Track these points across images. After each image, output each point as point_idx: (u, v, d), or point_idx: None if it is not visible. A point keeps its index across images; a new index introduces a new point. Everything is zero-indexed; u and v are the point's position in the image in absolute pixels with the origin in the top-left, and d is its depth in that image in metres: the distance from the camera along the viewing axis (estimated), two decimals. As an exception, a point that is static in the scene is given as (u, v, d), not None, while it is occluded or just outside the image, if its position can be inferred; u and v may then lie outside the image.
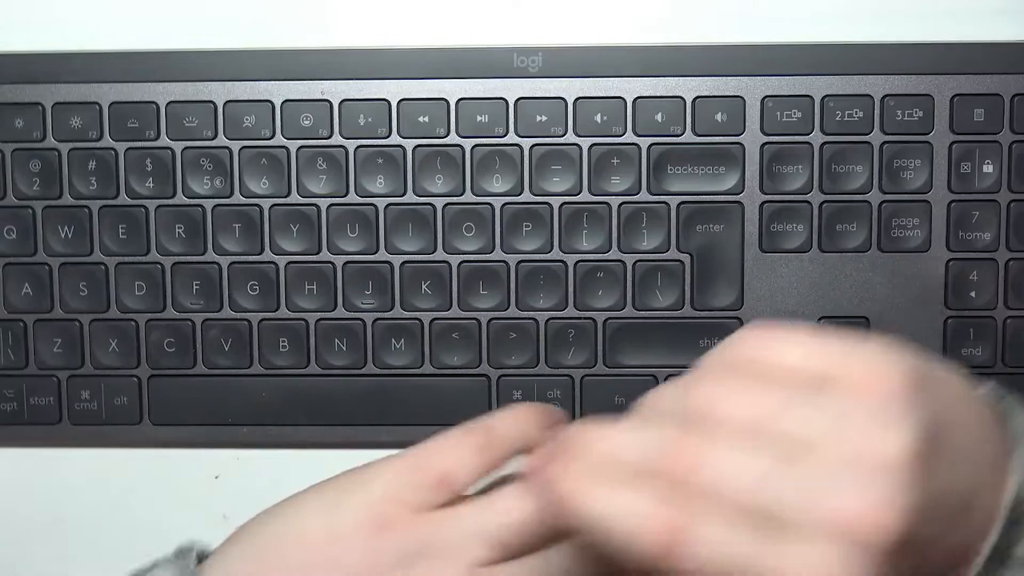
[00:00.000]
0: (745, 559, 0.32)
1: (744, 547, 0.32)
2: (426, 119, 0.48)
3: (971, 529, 0.35)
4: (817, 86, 0.48)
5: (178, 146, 0.48)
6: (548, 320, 0.48)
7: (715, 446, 0.33)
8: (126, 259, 0.49)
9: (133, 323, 0.49)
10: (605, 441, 0.35)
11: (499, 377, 0.49)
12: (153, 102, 0.48)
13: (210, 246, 0.49)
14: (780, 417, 0.33)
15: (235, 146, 0.48)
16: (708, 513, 0.32)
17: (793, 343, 0.35)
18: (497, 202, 0.48)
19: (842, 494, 0.32)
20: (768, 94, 0.48)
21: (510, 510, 0.37)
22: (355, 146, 0.48)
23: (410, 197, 0.48)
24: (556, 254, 0.48)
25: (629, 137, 0.48)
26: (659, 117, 0.48)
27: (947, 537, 0.34)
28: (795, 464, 0.32)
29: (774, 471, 0.32)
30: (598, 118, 0.48)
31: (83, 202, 0.49)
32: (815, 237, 0.48)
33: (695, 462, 0.33)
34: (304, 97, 0.48)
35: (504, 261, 0.48)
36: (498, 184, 0.48)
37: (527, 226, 0.48)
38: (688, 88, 0.48)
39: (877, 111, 0.47)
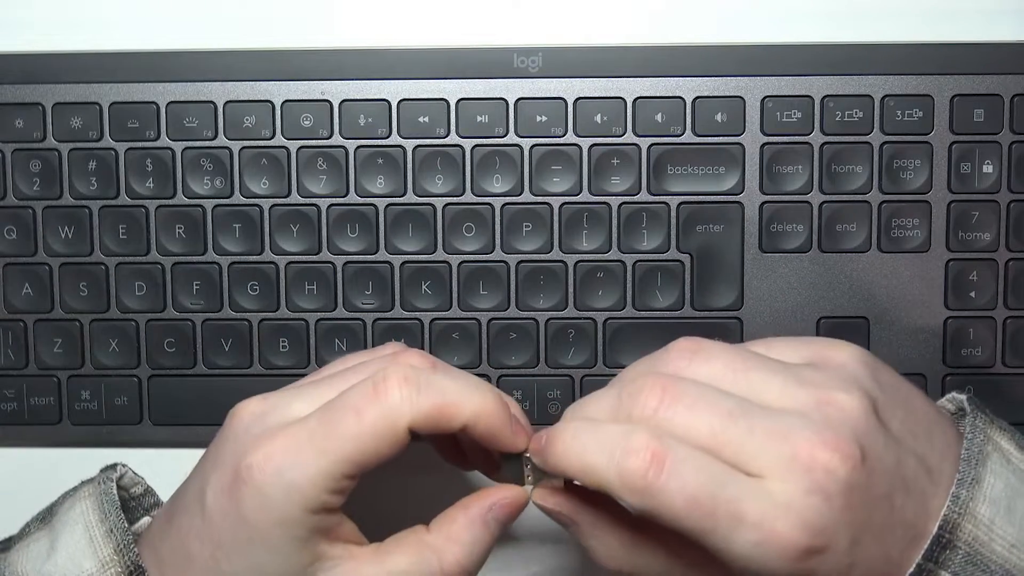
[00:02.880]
0: (715, 489, 0.34)
1: (715, 477, 0.34)
2: (426, 119, 0.48)
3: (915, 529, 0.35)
4: (817, 86, 0.48)
5: (178, 146, 0.48)
6: (548, 320, 0.49)
7: (691, 384, 0.36)
8: (126, 259, 0.49)
9: (133, 323, 0.49)
10: (584, 404, 0.37)
11: (499, 377, 0.49)
12: (153, 102, 0.48)
13: (210, 246, 0.49)
14: (753, 371, 0.36)
15: (235, 146, 0.48)
16: (682, 444, 0.34)
17: (780, 342, 0.38)
18: (497, 202, 0.48)
19: (806, 432, 0.34)
20: (768, 94, 0.48)
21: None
22: (355, 146, 0.48)
23: (410, 197, 0.48)
24: (556, 254, 0.48)
25: (629, 137, 0.48)
26: (659, 117, 0.48)
27: (897, 515, 0.35)
28: (764, 407, 0.35)
29: (744, 408, 0.35)
30: (598, 118, 0.48)
31: (83, 202, 0.49)
32: (815, 237, 0.48)
33: (670, 398, 0.35)
34: (304, 97, 0.48)
35: (504, 261, 0.48)
36: (498, 184, 0.48)
37: (527, 226, 0.48)
38: (688, 88, 0.48)
39: (877, 111, 0.48)
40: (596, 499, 0.38)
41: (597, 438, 0.35)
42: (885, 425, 0.35)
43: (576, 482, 0.38)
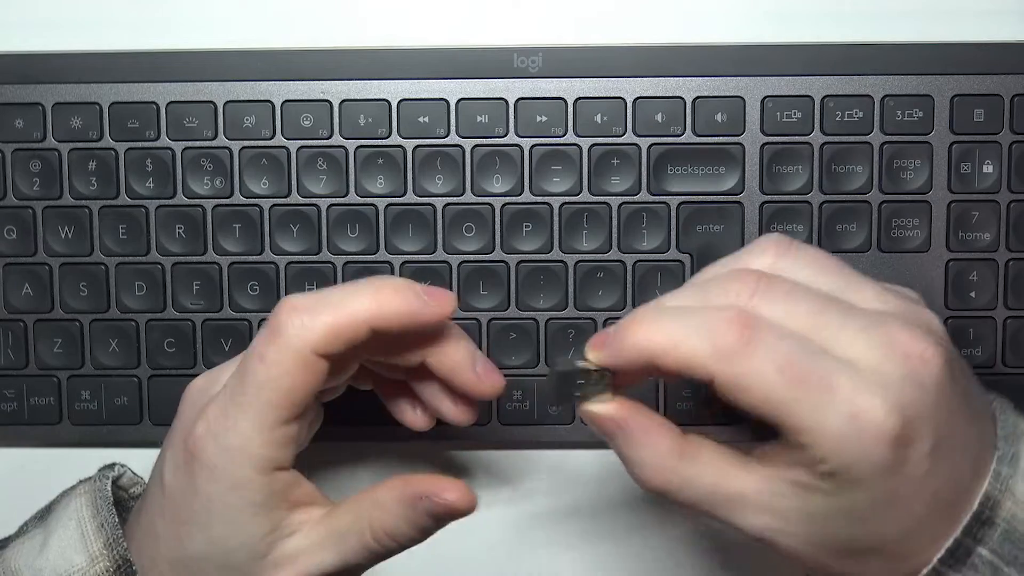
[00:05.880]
0: (808, 360, 0.33)
1: (809, 350, 0.33)
2: (426, 119, 0.48)
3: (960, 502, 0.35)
4: (817, 86, 0.48)
5: (178, 146, 0.48)
6: (548, 320, 0.48)
7: (783, 279, 0.35)
8: (126, 259, 0.49)
9: (133, 323, 0.49)
10: (662, 299, 0.36)
11: (499, 377, 0.49)
12: (153, 102, 0.48)
13: (210, 246, 0.49)
14: (848, 274, 0.36)
15: (235, 146, 0.48)
16: (775, 325, 0.34)
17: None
18: (497, 202, 0.48)
19: (904, 330, 0.34)
20: (768, 94, 0.48)
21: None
22: (355, 146, 0.48)
23: (410, 197, 0.48)
24: (556, 254, 0.48)
25: (629, 137, 0.48)
26: (659, 117, 0.48)
27: (969, 440, 0.35)
28: (862, 304, 0.35)
29: (840, 300, 0.35)
30: (598, 118, 0.48)
31: (83, 202, 0.49)
32: (815, 237, 0.48)
33: (765, 286, 0.35)
34: (304, 97, 0.48)
35: (504, 261, 0.48)
36: (498, 184, 0.48)
37: (527, 226, 0.48)
38: (688, 88, 0.48)
39: (877, 111, 0.48)
40: (645, 410, 0.37)
41: (684, 316, 0.34)
42: (959, 363, 0.36)
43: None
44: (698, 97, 0.48)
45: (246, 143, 0.48)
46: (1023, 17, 0.48)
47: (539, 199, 0.48)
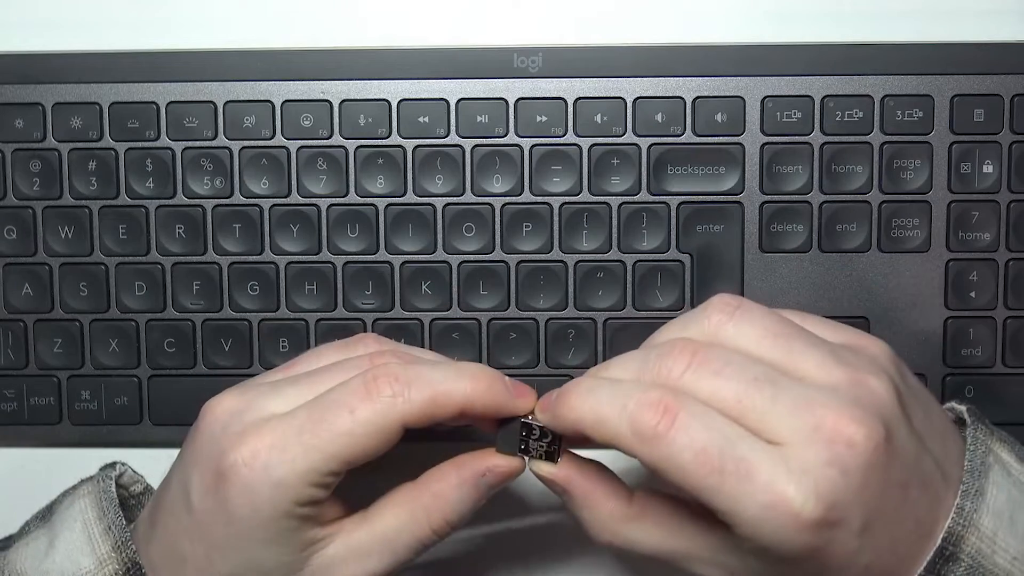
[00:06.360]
0: (726, 446, 0.33)
1: (728, 435, 0.34)
2: (426, 119, 0.48)
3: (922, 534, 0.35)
4: (817, 86, 0.48)
5: (178, 146, 0.48)
6: (548, 320, 0.48)
7: (720, 350, 0.35)
8: (126, 259, 0.49)
9: (133, 323, 0.49)
10: (608, 365, 0.37)
11: (499, 377, 0.49)
12: (153, 102, 0.48)
13: (210, 246, 0.49)
14: (793, 339, 0.36)
15: (235, 146, 0.48)
16: (699, 403, 0.34)
17: (819, 320, 0.38)
18: (497, 202, 0.48)
19: (833, 405, 0.34)
20: (768, 94, 0.48)
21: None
22: (355, 146, 0.48)
23: (410, 197, 0.48)
24: (556, 254, 0.48)
25: (629, 137, 0.48)
26: (659, 117, 0.48)
27: (910, 509, 0.35)
28: (795, 377, 0.35)
29: (771, 377, 0.35)
30: (598, 118, 0.48)
31: (83, 202, 0.49)
32: (815, 237, 0.48)
33: (698, 362, 0.35)
34: (304, 97, 0.48)
35: (504, 261, 0.48)
36: (498, 184, 0.48)
37: (527, 226, 0.48)
38: (688, 88, 0.48)
39: (877, 111, 0.48)
40: (591, 472, 0.39)
41: (612, 392, 0.35)
42: (909, 419, 0.35)
43: (568, 442, 0.39)
44: (698, 97, 0.48)
45: (246, 143, 0.48)
46: (1023, 17, 0.48)
47: (539, 199, 0.48)
